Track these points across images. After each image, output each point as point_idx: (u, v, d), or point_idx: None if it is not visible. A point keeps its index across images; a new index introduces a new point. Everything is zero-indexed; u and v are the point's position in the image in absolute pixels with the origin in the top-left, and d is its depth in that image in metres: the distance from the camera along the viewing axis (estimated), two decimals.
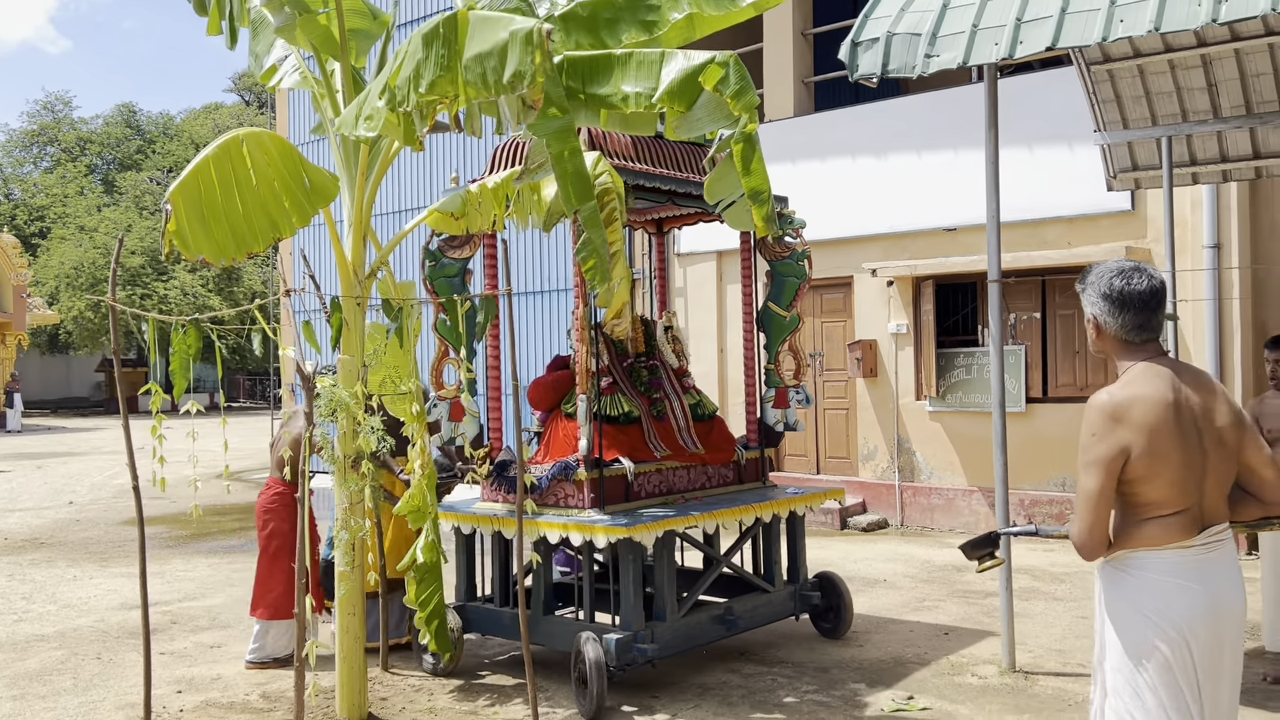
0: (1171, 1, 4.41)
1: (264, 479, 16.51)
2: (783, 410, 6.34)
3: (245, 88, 48.87)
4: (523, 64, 3.55)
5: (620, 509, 5.28)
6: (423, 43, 3.88)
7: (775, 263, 6.25)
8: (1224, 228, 8.89)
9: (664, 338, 6.24)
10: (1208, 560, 2.67)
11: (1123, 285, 2.71)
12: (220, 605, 7.43)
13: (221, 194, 4.09)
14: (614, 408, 5.66)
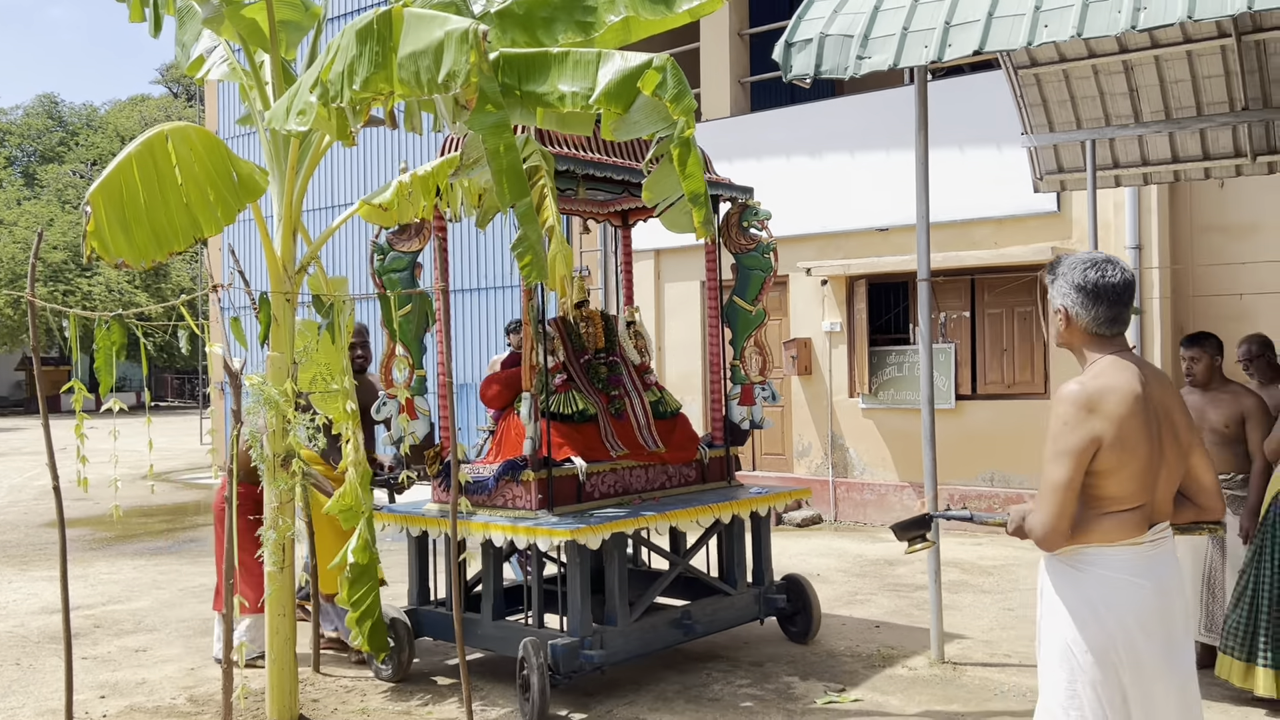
0: (1093, 8, 4.53)
1: (193, 480, 16.23)
2: (749, 408, 6.16)
3: (173, 79, 47.74)
4: (457, 64, 3.53)
5: (570, 510, 5.15)
6: (356, 38, 3.84)
7: (740, 255, 6.11)
8: (1145, 229, 9.15)
9: (626, 333, 6.10)
10: (1156, 557, 2.67)
11: (1097, 278, 2.68)
12: (146, 608, 7.26)
13: (144, 192, 3.98)
14: (567, 405, 5.50)
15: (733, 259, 6.16)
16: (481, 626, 5.33)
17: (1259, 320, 8.39)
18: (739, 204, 6.06)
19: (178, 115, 43.18)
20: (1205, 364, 5.43)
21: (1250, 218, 9.42)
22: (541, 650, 4.75)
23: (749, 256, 6.07)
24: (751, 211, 6.04)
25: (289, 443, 4.69)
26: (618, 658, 5.08)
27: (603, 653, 4.92)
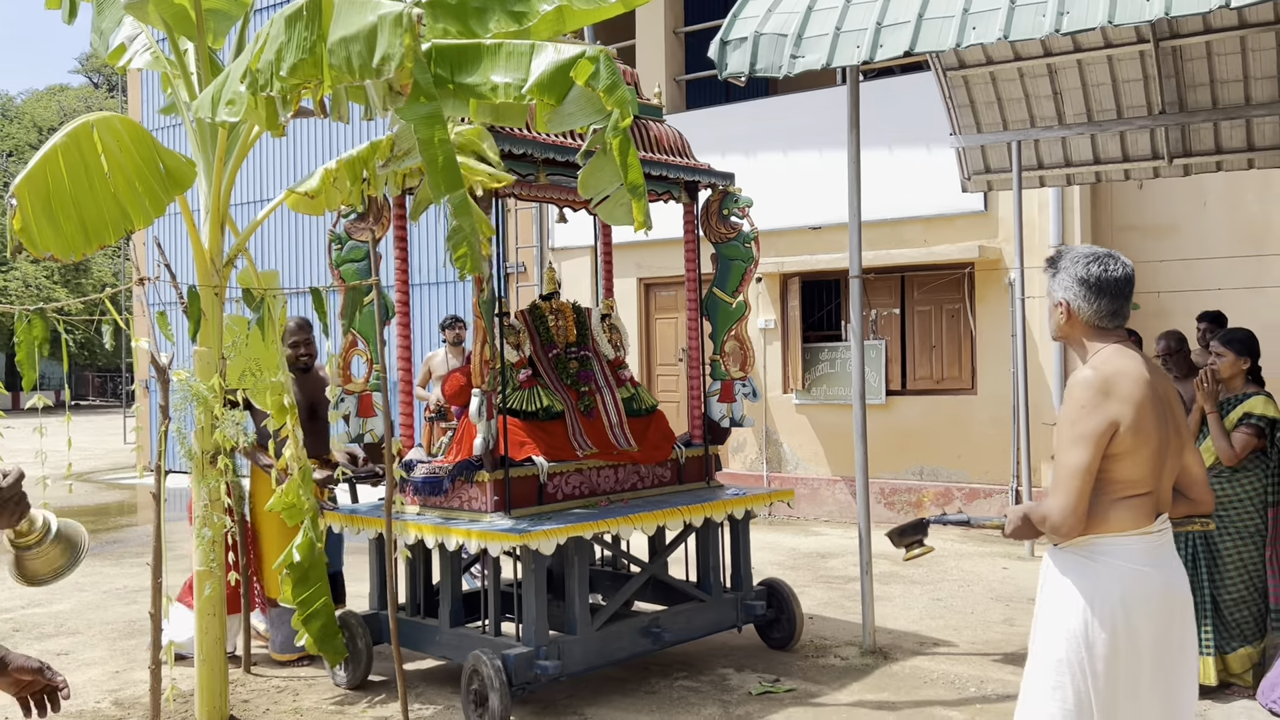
0: (1019, 12, 4.65)
1: (116, 480, 15.81)
2: (729, 405, 5.86)
3: (93, 69, 46.43)
4: (391, 47, 3.49)
5: (530, 513, 4.89)
6: (285, 25, 3.77)
7: (720, 245, 5.81)
8: (1068, 229, 9.40)
9: (600, 327, 5.79)
10: (1163, 547, 2.67)
11: (1100, 271, 2.69)
12: (68, 611, 7.07)
13: (71, 185, 3.87)
14: (531, 402, 5.24)
15: (712, 249, 5.89)
16: (439, 633, 5.12)
17: (1175, 317, 8.68)
18: (719, 190, 5.81)
19: (98, 105, 41.99)
20: None
21: (1167, 219, 9.74)
22: (493, 660, 4.51)
23: (729, 246, 5.80)
24: (732, 199, 5.78)
25: (216, 439, 4.61)
26: (576, 668, 4.85)
27: (559, 663, 4.67)
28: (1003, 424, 9.38)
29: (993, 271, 9.61)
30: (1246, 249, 9.20)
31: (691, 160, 5.70)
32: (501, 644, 4.78)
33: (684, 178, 5.60)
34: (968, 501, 9.69)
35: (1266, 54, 7.10)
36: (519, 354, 5.32)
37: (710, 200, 5.85)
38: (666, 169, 5.44)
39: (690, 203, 5.79)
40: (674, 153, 5.62)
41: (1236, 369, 4.97)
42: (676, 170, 5.50)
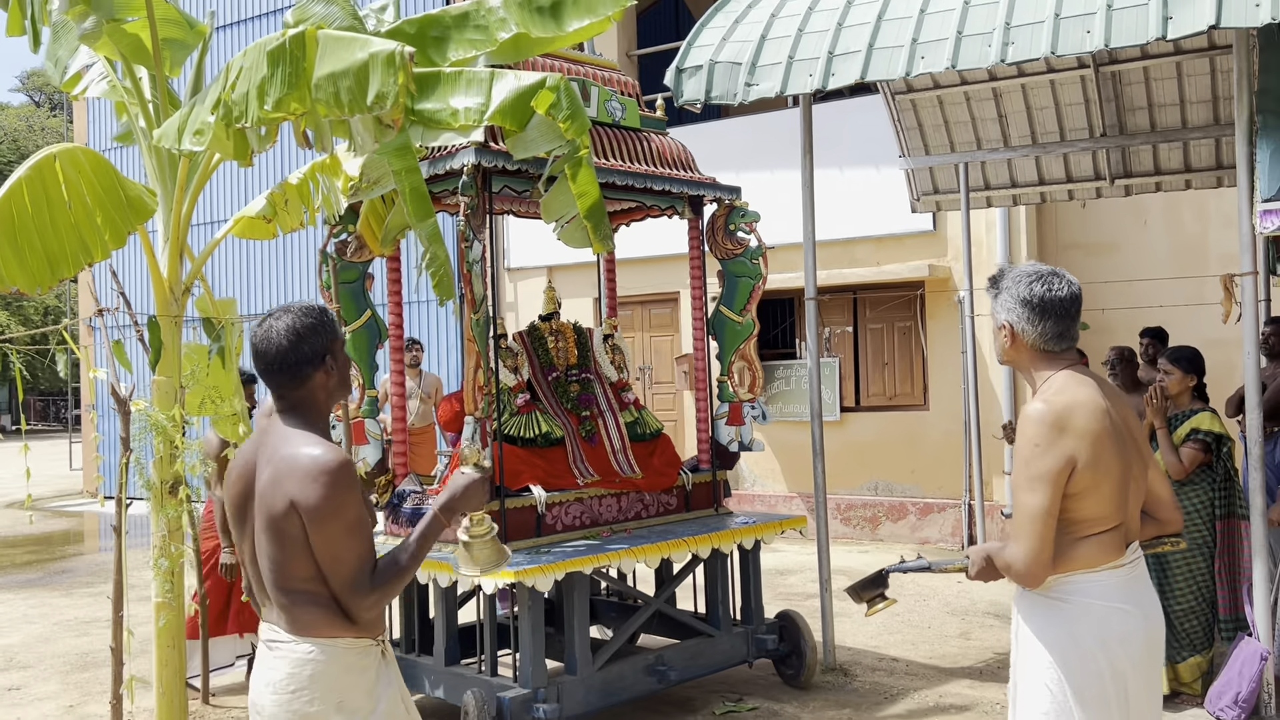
0: (966, 42, 4.79)
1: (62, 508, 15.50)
2: (737, 428, 5.56)
3: (35, 88, 45.60)
4: (385, 85, 3.54)
5: (527, 545, 4.64)
6: (268, 59, 3.79)
7: (727, 261, 5.55)
8: (1015, 247, 9.62)
9: (602, 348, 5.53)
10: (1135, 579, 2.52)
11: (1044, 291, 2.52)
12: (17, 644, 6.93)
13: (35, 218, 3.85)
14: (529, 428, 4.98)
15: (719, 265, 5.64)
16: (433, 671, 4.87)
17: (1118, 333, 8.90)
18: (725, 205, 5.54)
19: (40, 125, 41.27)
20: None
21: (1110, 237, 10.01)
22: (487, 704, 4.30)
23: (735, 262, 5.54)
24: (738, 213, 5.51)
25: (175, 469, 4.57)
26: (576, 710, 4.57)
27: (557, 706, 4.40)
28: (955, 439, 9.56)
29: (942, 290, 9.80)
30: (1185, 267, 9.47)
31: (696, 174, 5.48)
32: (497, 685, 4.54)
33: (687, 192, 5.36)
34: (922, 516, 9.84)
35: (1201, 79, 7.36)
36: (516, 378, 5.10)
37: (716, 215, 5.60)
38: (669, 183, 5.23)
39: (695, 218, 5.57)
40: (677, 166, 5.37)
41: (1184, 386, 5.13)
42: (679, 185, 5.29)
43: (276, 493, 2.30)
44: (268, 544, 2.33)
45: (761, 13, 5.71)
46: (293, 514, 2.27)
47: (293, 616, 2.33)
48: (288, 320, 2.40)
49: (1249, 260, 4.60)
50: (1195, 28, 4.29)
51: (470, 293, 4.37)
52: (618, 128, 5.14)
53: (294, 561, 2.30)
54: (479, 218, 4.46)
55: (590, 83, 5.00)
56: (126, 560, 4.15)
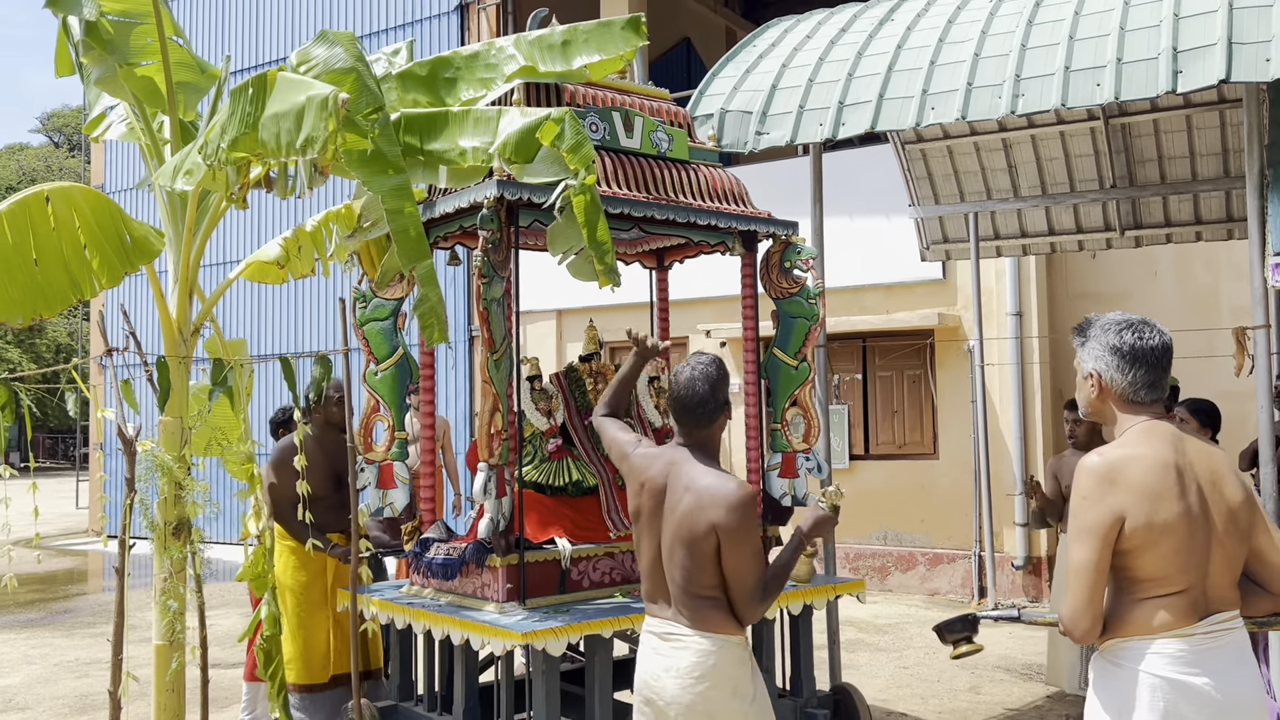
0: (976, 94, 4.81)
1: (67, 546, 15.44)
2: (790, 480, 5.11)
3: (54, 128, 46.24)
4: (315, 129, 3.54)
5: (548, 603, 4.29)
6: (232, 98, 3.85)
7: (781, 301, 5.15)
8: (1025, 297, 9.61)
9: (646, 390, 5.22)
10: (1214, 652, 2.33)
11: (1134, 340, 2.45)
12: (17, 685, 6.86)
13: (17, 253, 3.88)
14: (560, 476, 4.69)
15: (773, 305, 5.24)
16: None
17: None
18: (780, 241, 5.14)
19: (59, 165, 41.77)
20: (1087, 426, 5.73)
21: (1121, 287, 9.99)
22: None
23: (791, 302, 5.13)
24: (794, 250, 5.12)
25: (180, 511, 4.55)
26: None
27: None
28: (964, 489, 9.48)
29: (952, 339, 9.78)
30: (1197, 318, 9.44)
31: (749, 208, 5.08)
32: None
33: (737, 227, 4.94)
34: (931, 566, 9.73)
35: (1211, 132, 7.38)
36: (550, 421, 4.80)
37: (771, 252, 5.18)
38: (716, 217, 4.83)
39: (748, 254, 5.15)
40: (729, 199, 5.02)
41: (1200, 437, 5.09)
42: (728, 219, 4.87)
43: (700, 517, 2.84)
44: (684, 556, 2.88)
45: (772, 62, 5.76)
46: (711, 535, 2.82)
47: (697, 615, 2.88)
48: (706, 371, 3.02)
49: (1261, 314, 4.58)
50: (1205, 82, 4.30)
51: (488, 332, 4.13)
52: (663, 160, 4.83)
53: (704, 572, 2.86)
54: (501, 253, 4.23)
55: (635, 113, 4.73)
56: (128, 601, 4.11)
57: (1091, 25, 4.78)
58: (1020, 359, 9.52)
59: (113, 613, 4.18)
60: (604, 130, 4.58)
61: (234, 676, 6.86)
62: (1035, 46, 4.84)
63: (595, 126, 4.54)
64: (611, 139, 4.58)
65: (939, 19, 5.41)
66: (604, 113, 4.60)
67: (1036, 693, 6.25)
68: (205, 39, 15.10)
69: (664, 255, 5.85)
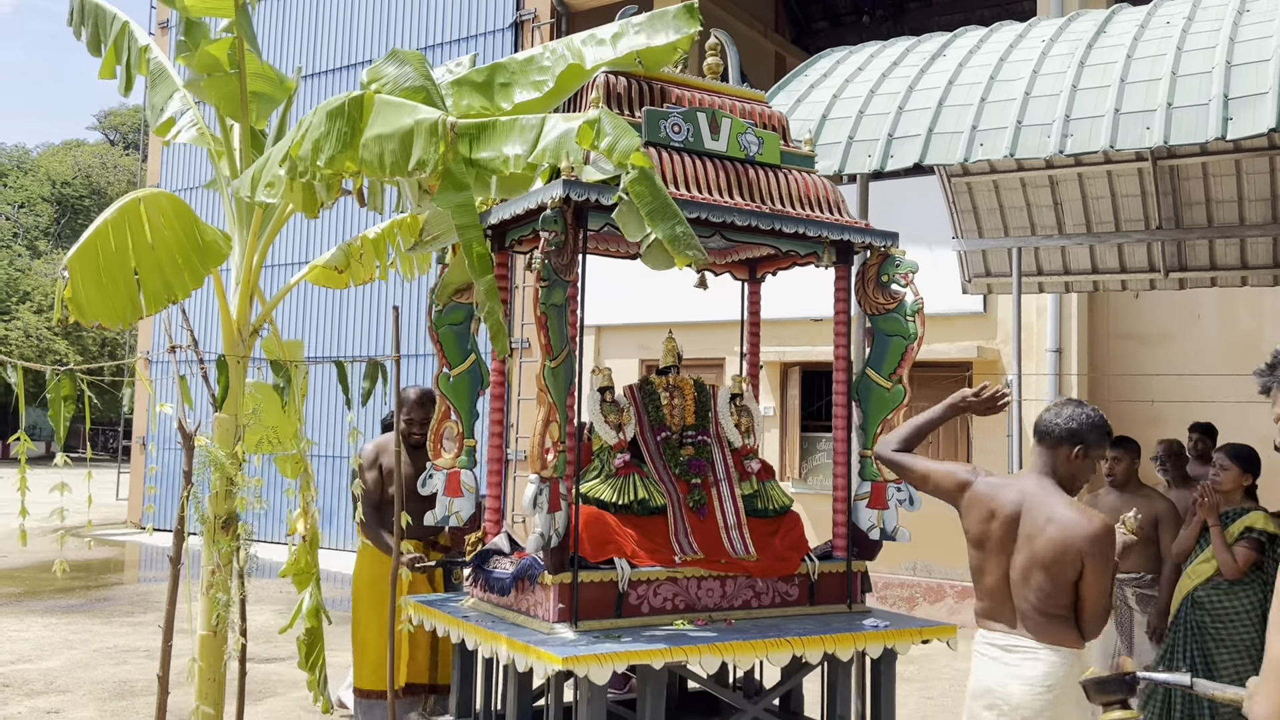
0: (1025, 132, 4.88)
1: (106, 536, 15.74)
2: (879, 511, 4.78)
3: (110, 126, 47.22)
4: (426, 153, 3.71)
5: (602, 627, 4.01)
6: (327, 118, 3.99)
7: (876, 318, 4.79)
8: (1065, 334, 9.61)
9: (728, 408, 4.86)
10: None
11: None
12: (58, 668, 7.04)
13: (119, 258, 4.07)
14: (625, 493, 4.38)
15: (867, 322, 4.88)
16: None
17: (1168, 426, 8.81)
18: (879, 253, 4.74)
19: (114, 163, 42.66)
20: (1125, 465, 5.74)
21: (1163, 328, 9.95)
22: None
23: (887, 319, 4.75)
24: (893, 262, 4.72)
25: (230, 505, 4.69)
26: None
27: None
28: None
29: (990, 373, 9.78)
30: (1238, 363, 9.37)
31: (845, 217, 4.70)
32: None
33: (829, 236, 4.54)
34: (960, 599, 9.70)
35: (1260, 177, 7.37)
36: (618, 436, 4.52)
37: (867, 264, 4.80)
38: (805, 225, 4.43)
39: (843, 266, 4.78)
40: (823, 207, 4.63)
41: (1238, 484, 5.10)
42: (818, 227, 4.47)
43: (1067, 547, 3.14)
44: (1043, 580, 3.17)
45: (824, 93, 5.85)
46: (1076, 563, 3.13)
47: (1045, 631, 3.18)
48: (1082, 412, 3.36)
49: None
50: (1255, 129, 4.34)
51: (545, 338, 3.93)
52: (752, 163, 4.49)
53: (1061, 594, 3.17)
54: (565, 256, 4.01)
55: (723, 114, 4.44)
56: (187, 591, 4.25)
57: (1143, 69, 4.83)
58: (1058, 395, 9.51)
59: (151, 603, 4.32)
60: (687, 131, 4.34)
61: (268, 670, 7.00)
62: (1086, 88, 4.90)
63: (678, 127, 4.33)
64: (695, 140, 4.34)
65: (991, 56, 5.48)
66: (689, 114, 4.36)
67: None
68: (266, 46, 15.45)
69: (756, 267, 5.50)
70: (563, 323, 3.97)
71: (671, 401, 4.79)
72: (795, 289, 10.70)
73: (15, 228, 39.21)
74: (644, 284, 11.59)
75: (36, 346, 33.66)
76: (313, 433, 7.59)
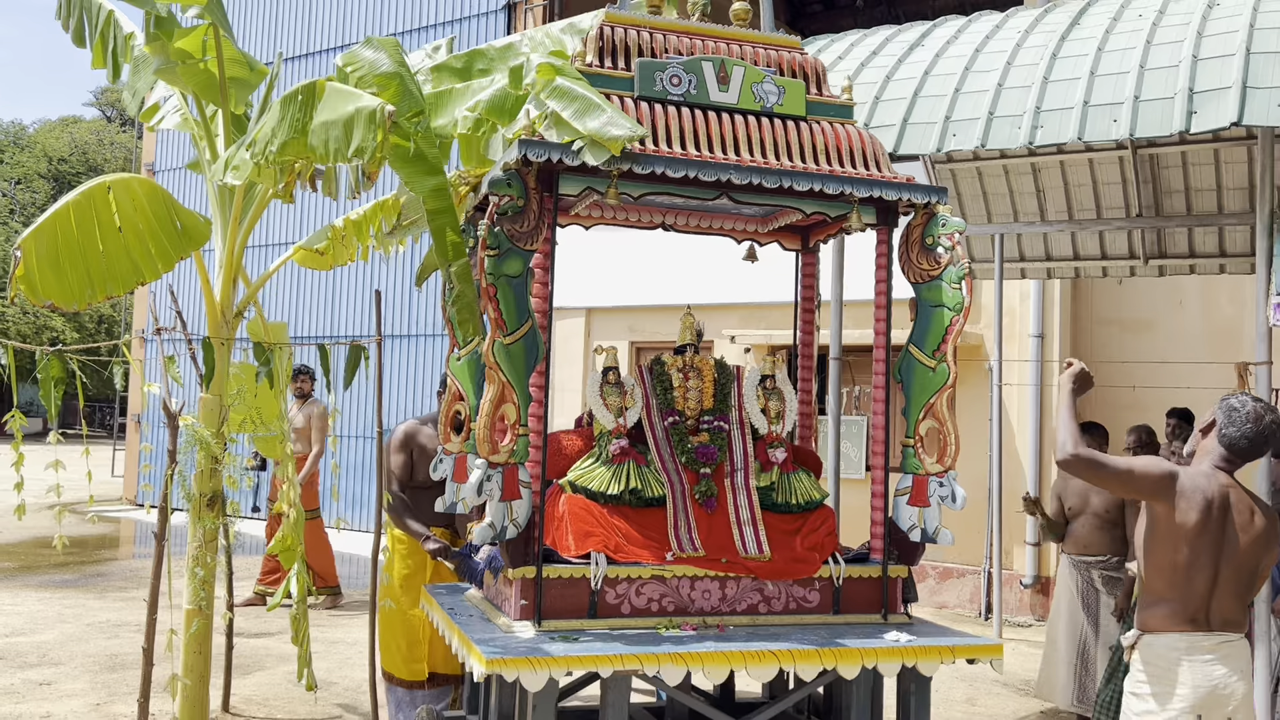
0: (996, 123, 4.98)
1: (102, 512, 15.89)
2: (920, 509, 4.17)
3: (107, 103, 47.09)
4: (365, 140, 3.78)
5: (570, 627, 3.68)
6: (281, 105, 4.10)
7: (920, 286, 4.24)
8: (1048, 320, 9.71)
9: (754, 392, 4.36)
10: None
11: None
12: (51, 641, 7.18)
13: (81, 239, 4.17)
14: (616, 482, 3.99)
15: (911, 292, 4.28)
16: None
17: (1149, 412, 8.93)
18: (924, 211, 4.20)
19: (110, 140, 42.57)
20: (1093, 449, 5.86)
21: (1145, 314, 10.06)
22: None
23: (931, 287, 4.19)
24: (937, 222, 4.18)
25: (215, 484, 4.81)
26: None
27: None
28: (978, 506, 9.59)
29: (973, 358, 9.89)
30: (1219, 350, 9.50)
31: (883, 172, 4.19)
32: None
33: (857, 194, 4.01)
34: (941, 580, 9.86)
35: (1238, 166, 7.46)
36: (617, 420, 4.14)
37: (912, 225, 4.27)
38: (825, 182, 3.92)
39: (883, 228, 4.27)
40: (855, 161, 4.15)
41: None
42: (841, 183, 3.96)
43: (1270, 539, 3.32)
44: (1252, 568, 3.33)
45: None
46: (1272, 551, 3.34)
47: (1242, 621, 3.36)
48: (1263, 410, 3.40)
49: (1263, 350, 4.71)
50: (1218, 124, 4.43)
51: (496, 311, 3.66)
52: (768, 115, 4.05)
53: (1257, 582, 3.37)
54: (524, 223, 3.69)
55: (734, 62, 4.02)
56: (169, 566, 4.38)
57: (1113, 62, 4.92)
58: (1040, 381, 9.62)
59: (144, 578, 4.45)
60: (689, 83, 3.94)
61: (256, 645, 7.14)
62: (1057, 80, 4.99)
63: (677, 79, 3.93)
64: (699, 93, 3.94)
65: (967, 47, 5.56)
66: (691, 64, 3.96)
67: (1031, 707, 6.39)
68: (257, 28, 15.47)
69: (809, 235, 4.96)
70: (521, 295, 3.70)
71: (686, 383, 4.34)
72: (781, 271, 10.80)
73: (12, 204, 39.17)
74: (636, 265, 11.67)
75: (33, 323, 33.73)
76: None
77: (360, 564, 10.53)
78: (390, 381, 13.43)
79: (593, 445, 4.15)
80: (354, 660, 6.78)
